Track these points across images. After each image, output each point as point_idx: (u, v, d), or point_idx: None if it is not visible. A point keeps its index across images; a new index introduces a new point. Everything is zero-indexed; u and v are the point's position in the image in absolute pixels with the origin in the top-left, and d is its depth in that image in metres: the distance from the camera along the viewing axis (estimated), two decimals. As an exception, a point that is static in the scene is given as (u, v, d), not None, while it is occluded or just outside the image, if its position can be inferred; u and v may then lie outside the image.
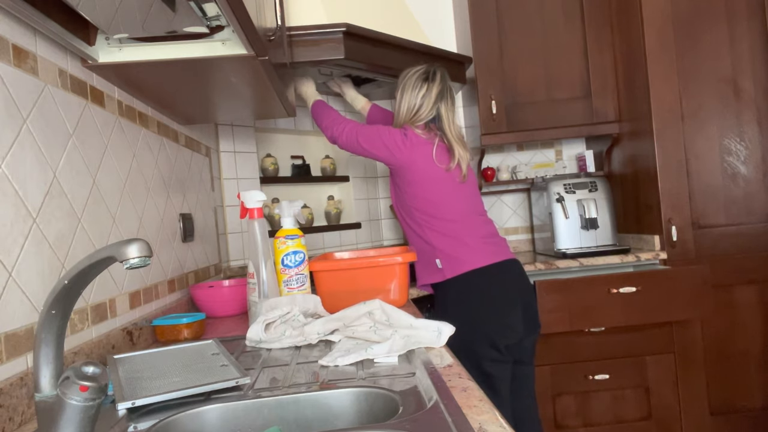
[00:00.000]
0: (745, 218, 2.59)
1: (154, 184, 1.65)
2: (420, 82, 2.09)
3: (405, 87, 2.09)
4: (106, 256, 0.66)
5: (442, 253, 2.01)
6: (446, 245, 2.01)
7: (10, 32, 0.98)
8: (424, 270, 2.06)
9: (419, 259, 2.06)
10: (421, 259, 2.06)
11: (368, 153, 2.06)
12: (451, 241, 2.01)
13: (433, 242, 2.02)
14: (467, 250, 2.00)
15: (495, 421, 0.73)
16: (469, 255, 1.99)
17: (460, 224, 2.02)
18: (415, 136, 2.01)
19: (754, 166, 2.60)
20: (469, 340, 1.91)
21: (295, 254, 1.58)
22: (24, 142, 0.99)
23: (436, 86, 2.08)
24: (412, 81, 2.10)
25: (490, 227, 2.09)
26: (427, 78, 2.08)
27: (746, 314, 2.59)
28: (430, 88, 2.07)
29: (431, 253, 2.03)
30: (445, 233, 2.02)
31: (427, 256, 2.04)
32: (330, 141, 2.13)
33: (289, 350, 1.25)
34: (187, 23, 1.16)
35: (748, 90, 2.60)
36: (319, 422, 0.91)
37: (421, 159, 2.00)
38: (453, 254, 2.00)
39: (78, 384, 0.62)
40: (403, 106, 2.08)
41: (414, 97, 2.08)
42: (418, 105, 2.06)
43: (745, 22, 2.59)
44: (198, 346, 1.21)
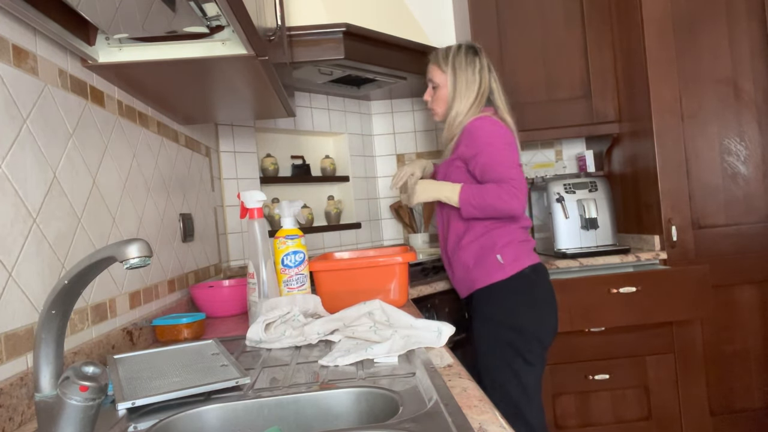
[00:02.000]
0: (745, 218, 2.59)
1: (154, 184, 1.65)
2: (472, 57, 1.99)
3: (457, 65, 1.98)
4: (106, 256, 0.66)
5: (503, 248, 1.94)
6: (507, 240, 1.95)
7: (10, 32, 0.98)
8: (481, 269, 1.95)
9: (475, 259, 1.96)
10: (477, 259, 1.96)
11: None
12: (511, 236, 1.96)
13: (496, 237, 1.95)
14: (522, 246, 1.96)
15: (495, 421, 0.73)
16: (523, 251, 1.96)
17: (519, 216, 1.96)
18: (503, 127, 1.95)
19: (754, 166, 2.60)
20: (518, 339, 1.88)
21: (295, 254, 1.57)
22: (24, 142, 0.99)
23: (486, 58, 2.02)
24: (463, 58, 1.99)
25: (527, 221, 2.04)
26: (476, 52, 2.01)
27: (746, 314, 2.59)
28: (482, 61, 2.00)
29: (491, 249, 1.94)
30: (507, 227, 1.96)
31: (485, 253, 1.95)
32: (519, 212, 1.89)
33: (289, 350, 1.25)
34: (187, 23, 1.16)
35: (748, 90, 2.60)
36: (319, 422, 0.91)
37: (515, 150, 1.97)
38: (512, 249, 1.94)
39: (78, 384, 0.62)
40: (461, 85, 1.97)
41: (473, 74, 1.98)
42: (479, 81, 1.98)
43: (745, 22, 2.59)
44: (198, 346, 1.21)
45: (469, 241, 1.98)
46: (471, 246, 1.97)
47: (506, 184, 1.85)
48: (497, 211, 1.88)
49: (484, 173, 1.91)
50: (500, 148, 1.91)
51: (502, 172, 1.88)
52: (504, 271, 1.92)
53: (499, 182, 1.87)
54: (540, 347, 1.91)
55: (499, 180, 1.87)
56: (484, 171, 1.90)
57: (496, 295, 1.93)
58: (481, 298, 1.96)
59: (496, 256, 1.93)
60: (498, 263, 1.93)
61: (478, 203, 1.89)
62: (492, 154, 1.90)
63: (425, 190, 2.00)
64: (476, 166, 1.91)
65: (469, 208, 1.91)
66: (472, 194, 1.90)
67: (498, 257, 1.93)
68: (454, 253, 2.02)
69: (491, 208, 1.88)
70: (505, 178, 1.86)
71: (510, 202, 1.85)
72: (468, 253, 1.97)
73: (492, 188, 1.87)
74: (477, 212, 1.91)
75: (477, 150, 1.91)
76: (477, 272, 1.96)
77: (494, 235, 1.95)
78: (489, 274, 1.93)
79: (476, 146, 1.91)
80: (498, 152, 1.91)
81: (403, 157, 3.31)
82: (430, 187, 1.99)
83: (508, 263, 1.92)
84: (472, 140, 1.93)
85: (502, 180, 1.86)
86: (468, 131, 1.95)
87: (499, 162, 1.89)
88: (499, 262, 1.93)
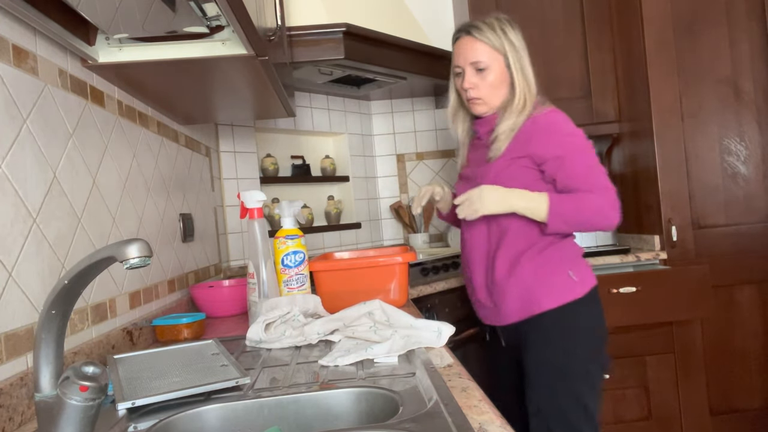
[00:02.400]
0: (745, 218, 2.59)
1: (154, 184, 1.65)
2: (519, 30, 1.70)
3: (514, 39, 1.67)
4: (106, 256, 0.66)
5: (574, 263, 1.66)
6: (575, 252, 1.68)
7: (10, 32, 0.98)
8: (547, 287, 1.62)
9: (538, 276, 1.62)
10: (542, 276, 1.62)
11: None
12: (576, 248, 1.70)
13: (564, 250, 1.66)
14: (585, 260, 1.70)
15: (495, 421, 0.73)
16: (587, 265, 1.69)
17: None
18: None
19: (754, 166, 2.60)
20: (590, 365, 1.63)
21: (295, 254, 1.57)
22: (24, 142, 0.99)
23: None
24: (513, 31, 1.68)
25: None
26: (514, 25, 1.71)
27: (746, 314, 2.59)
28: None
29: (559, 264, 1.64)
30: (571, 237, 1.70)
31: (552, 269, 1.63)
32: (616, 224, 1.61)
33: (289, 350, 1.25)
34: (187, 23, 1.16)
35: (748, 90, 2.60)
36: (319, 422, 0.91)
37: None
38: (582, 264, 1.67)
39: (78, 384, 0.62)
40: (525, 63, 1.69)
41: (526, 52, 1.70)
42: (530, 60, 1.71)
43: (745, 22, 2.59)
44: (198, 346, 1.21)
45: (532, 256, 1.64)
46: (533, 261, 1.64)
47: (608, 194, 1.56)
48: (591, 228, 1.61)
49: (571, 180, 1.59)
50: (590, 150, 1.64)
51: (598, 181, 1.58)
52: (577, 290, 1.62)
53: (596, 191, 1.57)
54: (604, 372, 1.68)
55: (593, 188, 1.57)
56: (573, 178, 1.59)
57: (568, 317, 1.62)
58: (545, 322, 1.62)
59: (567, 272, 1.63)
60: (570, 281, 1.63)
61: (573, 218, 1.56)
62: (585, 158, 1.61)
63: (495, 200, 1.57)
64: (560, 170, 1.59)
65: (560, 223, 1.57)
66: (567, 206, 1.56)
67: (570, 273, 1.63)
68: (510, 275, 1.64)
69: (587, 224, 1.59)
70: (602, 187, 1.57)
71: (612, 218, 1.57)
72: (528, 270, 1.63)
73: (592, 199, 1.56)
74: (566, 228, 1.59)
75: (563, 151, 1.59)
76: (542, 292, 1.62)
77: (561, 248, 1.66)
78: (560, 294, 1.61)
79: (561, 146, 1.60)
80: (591, 156, 1.62)
81: (403, 157, 3.31)
82: (501, 194, 1.58)
83: (580, 280, 1.64)
84: (553, 138, 1.61)
85: (599, 189, 1.57)
86: (545, 126, 1.63)
87: (592, 167, 1.60)
88: (572, 279, 1.63)
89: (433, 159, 3.30)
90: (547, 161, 1.61)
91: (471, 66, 1.68)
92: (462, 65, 1.69)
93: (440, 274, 2.39)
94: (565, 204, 1.56)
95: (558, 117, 1.65)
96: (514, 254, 1.64)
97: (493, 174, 1.65)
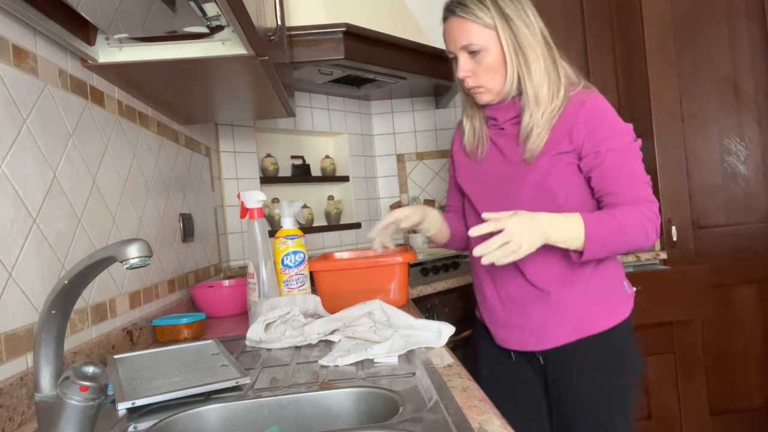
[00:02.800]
0: (745, 218, 2.59)
1: (154, 184, 1.65)
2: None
3: (505, 8, 1.38)
4: (106, 256, 0.66)
5: (623, 273, 1.46)
6: (618, 261, 1.47)
7: (10, 32, 0.98)
8: (608, 304, 1.38)
9: (601, 291, 1.38)
10: (603, 291, 1.38)
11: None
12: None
13: (617, 259, 1.46)
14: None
15: (495, 421, 0.73)
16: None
17: None
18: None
19: (754, 166, 2.60)
20: (631, 386, 1.45)
21: (295, 254, 1.57)
22: (24, 142, 0.99)
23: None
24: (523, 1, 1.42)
25: None
26: None
27: (746, 314, 2.59)
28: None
29: (615, 275, 1.41)
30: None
31: (610, 282, 1.39)
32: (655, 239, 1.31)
33: (289, 350, 1.25)
34: (187, 23, 1.16)
35: (748, 90, 2.60)
36: (319, 422, 0.91)
37: None
38: (623, 274, 1.46)
39: (78, 384, 0.62)
40: (524, 33, 1.40)
41: (528, 16, 1.43)
42: (538, 26, 1.46)
43: (745, 22, 2.59)
44: (198, 346, 1.21)
45: (593, 268, 1.38)
46: (596, 274, 1.38)
47: (651, 209, 1.28)
48: (630, 249, 1.31)
49: (612, 184, 1.30)
50: (638, 152, 1.33)
51: (643, 192, 1.29)
52: (629, 303, 1.42)
53: (639, 205, 1.27)
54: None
55: (636, 201, 1.27)
56: (615, 182, 1.29)
57: (622, 337, 1.39)
58: (600, 343, 1.37)
59: (622, 283, 1.43)
60: (624, 294, 1.42)
61: (612, 242, 1.25)
62: (633, 162, 1.31)
63: (534, 233, 1.19)
64: (601, 169, 1.30)
65: (598, 249, 1.25)
66: (605, 230, 1.24)
67: (624, 285, 1.43)
68: (558, 286, 1.37)
69: (626, 246, 1.28)
70: (646, 200, 1.28)
71: (652, 238, 1.28)
72: (592, 285, 1.37)
73: (633, 217, 1.25)
74: (603, 254, 1.28)
75: (609, 146, 1.29)
76: (604, 309, 1.37)
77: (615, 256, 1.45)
78: (617, 309, 1.39)
79: (609, 140, 1.30)
80: (638, 160, 1.32)
81: (403, 157, 3.31)
82: (535, 228, 1.20)
83: (631, 292, 1.44)
84: (602, 128, 1.31)
85: (640, 201, 1.27)
86: (593, 112, 1.32)
87: (639, 174, 1.30)
88: (626, 292, 1.42)
89: (433, 159, 3.30)
90: (588, 155, 1.31)
91: (463, 50, 1.38)
92: (453, 50, 1.40)
93: (440, 274, 2.39)
94: (604, 227, 1.24)
95: (607, 104, 1.37)
96: (557, 262, 1.35)
97: (536, 178, 1.33)
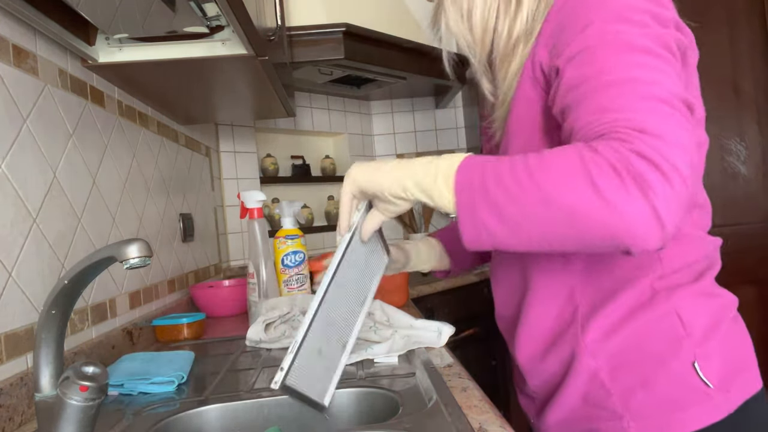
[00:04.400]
0: (745, 218, 2.59)
1: (154, 184, 1.65)
2: None
3: None
4: (106, 256, 0.66)
5: (707, 341, 0.79)
6: (710, 314, 0.82)
7: (10, 32, 0.98)
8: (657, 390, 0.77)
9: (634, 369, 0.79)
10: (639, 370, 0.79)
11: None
12: (718, 303, 0.85)
13: (684, 307, 0.79)
14: (741, 326, 0.87)
15: (495, 421, 0.73)
16: (748, 342, 0.86)
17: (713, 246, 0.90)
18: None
19: (754, 166, 2.60)
20: None
21: (295, 254, 1.57)
22: (24, 142, 0.99)
23: None
24: None
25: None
26: None
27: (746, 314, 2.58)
28: None
29: (675, 342, 0.78)
30: (711, 275, 0.87)
31: (659, 353, 0.78)
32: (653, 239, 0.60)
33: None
34: (187, 23, 1.16)
35: (748, 90, 2.60)
36: (319, 422, 0.91)
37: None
38: (726, 343, 0.81)
39: (78, 384, 0.62)
40: None
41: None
42: None
43: (745, 22, 2.59)
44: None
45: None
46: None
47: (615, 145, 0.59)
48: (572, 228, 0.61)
49: (567, 108, 0.69)
50: (639, 35, 0.67)
51: (617, 104, 0.63)
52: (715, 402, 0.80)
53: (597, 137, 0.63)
54: None
55: (597, 129, 0.63)
56: (568, 100, 0.69)
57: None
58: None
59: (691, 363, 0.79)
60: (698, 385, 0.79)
61: (504, 200, 0.63)
62: (609, 48, 0.67)
63: (358, 181, 0.79)
64: (556, 93, 0.72)
65: (485, 218, 0.65)
66: (493, 172, 0.65)
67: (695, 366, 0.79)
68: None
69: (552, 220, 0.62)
70: (615, 125, 0.61)
71: (621, 204, 0.58)
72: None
73: (562, 154, 0.63)
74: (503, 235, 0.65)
75: (580, 44, 0.69)
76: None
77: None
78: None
79: (580, 29, 0.70)
80: (629, 46, 0.66)
81: (403, 157, 3.30)
82: (367, 170, 0.79)
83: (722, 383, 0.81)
84: (572, 16, 0.73)
85: (605, 129, 0.62)
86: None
87: (612, 68, 0.65)
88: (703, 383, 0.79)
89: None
90: (552, 80, 0.75)
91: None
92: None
93: (440, 274, 2.39)
94: (489, 173, 0.66)
95: None
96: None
97: (512, 131, 0.83)
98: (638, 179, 0.56)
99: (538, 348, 0.88)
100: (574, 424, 0.86)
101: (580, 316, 0.81)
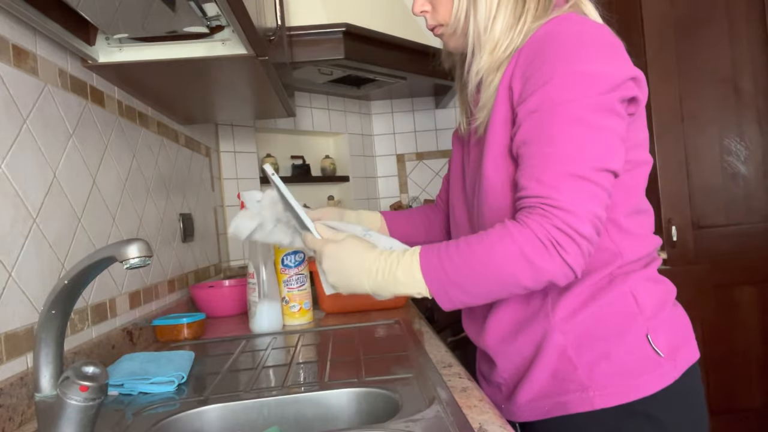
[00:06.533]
0: (745, 218, 2.59)
1: (154, 184, 1.65)
2: None
3: None
4: (106, 256, 0.66)
5: (656, 317, 0.91)
6: (657, 296, 0.93)
7: (10, 32, 0.98)
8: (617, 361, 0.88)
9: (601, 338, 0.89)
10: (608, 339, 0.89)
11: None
12: (662, 288, 0.96)
13: (637, 289, 0.91)
14: (680, 309, 0.98)
15: (495, 421, 0.73)
16: (687, 321, 0.98)
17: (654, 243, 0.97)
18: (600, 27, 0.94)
19: (754, 166, 2.60)
20: None
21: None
22: (24, 142, 0.99)
23: None
24: None
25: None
26: None
27: (746, 314, 2.59)
28: None
29: (631, 317, 0.90)
30: (654, 266, 0.97)
31: (618, 327, 0.90)
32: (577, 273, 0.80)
33: (289, 350, 1.25)
34: (187, 23, 1.16)
35: (748, 90, 2.60)
36: (319, 422, 0.91)
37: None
38: (671, 320, 0.94)
39: (78, 384, 0.62)
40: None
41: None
42: None
43: (745, 22, 2.59)
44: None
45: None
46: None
47: (531, 225, 0.79)
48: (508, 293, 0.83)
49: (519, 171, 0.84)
50: (592, 105, 0.80)
51: (548, 178, 0.80)
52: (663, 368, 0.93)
53: (525, 210, 0.81)
54: None
55: (528, 203, 0.81)
56: (521, 164, 0.84)
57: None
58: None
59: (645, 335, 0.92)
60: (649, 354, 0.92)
61: (460, 275, 0.82)
62: (559, 117, 0.81)
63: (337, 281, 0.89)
64: (514, 143, 0.86)
65: (454, 294, 0.83)
66: (447, 258, 0.82)
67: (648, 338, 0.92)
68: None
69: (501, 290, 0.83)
70: (539, 201, 0.80)
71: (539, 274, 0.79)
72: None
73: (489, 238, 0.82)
74: (467, 300, 0.85)
75: (539, 99, 0.83)
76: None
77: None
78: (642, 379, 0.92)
79: (542, 84, 0.82)
80: (577, 119, 0.80)
81: (403, 157, 3.31)
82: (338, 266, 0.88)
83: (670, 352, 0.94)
84: (537, 64, 0.84)
85: (530, 205, 0.81)
86: (536, 39, 0.87)
87: (558, 139, 0.80)
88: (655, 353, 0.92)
89: (433, 159, 3.30)
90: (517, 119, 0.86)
91: None
92: None
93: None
94: (446, 256, 0.82)
95: (574, 28, 0.87)
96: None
97: (487, 172, 0.92)
98: (556, 246, 0.78)
99: (510, 330, 0.96)
100: (543, 401, 0.94)
101: (550, 299, 0.92)
